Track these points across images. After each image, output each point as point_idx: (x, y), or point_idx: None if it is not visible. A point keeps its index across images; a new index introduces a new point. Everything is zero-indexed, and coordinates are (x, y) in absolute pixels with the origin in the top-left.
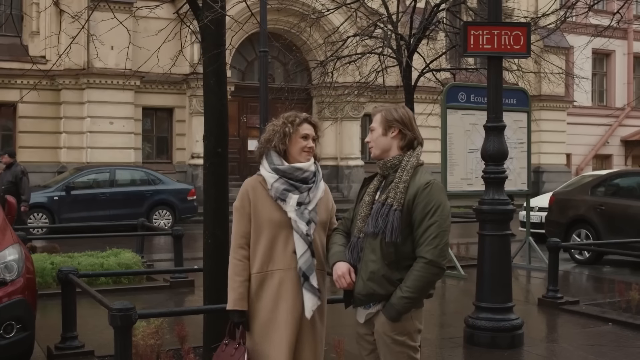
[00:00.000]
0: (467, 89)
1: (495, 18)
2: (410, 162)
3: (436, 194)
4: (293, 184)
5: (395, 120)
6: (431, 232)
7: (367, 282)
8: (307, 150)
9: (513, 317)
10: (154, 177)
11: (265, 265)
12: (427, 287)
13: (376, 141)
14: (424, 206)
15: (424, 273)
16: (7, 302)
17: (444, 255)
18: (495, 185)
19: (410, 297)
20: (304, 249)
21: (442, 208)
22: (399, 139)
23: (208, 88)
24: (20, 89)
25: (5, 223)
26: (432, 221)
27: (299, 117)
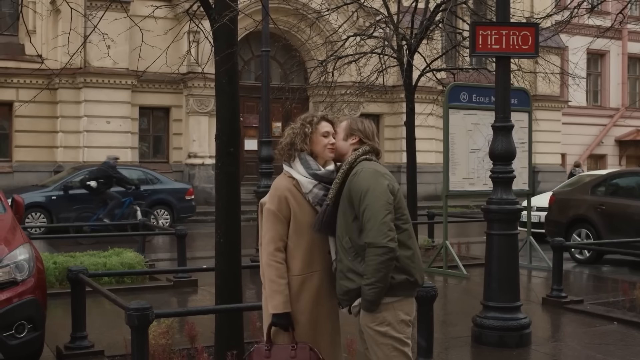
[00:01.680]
0: (469, 89)
1: (503, 18)
2: (348, 160)
3: (363, 179)
4: (328, 187)
5: (358, 130)
6: (366, 216)
7: (339, 282)
8: (330, 147)
9: (521, 316)
10: (152, 177)
11: (306, 267)
12: (381, 269)
13: (337, 145)
14: (355, 195)
15: (371, 256)
16: (19, 302)
17: (383, 233)
18: (503, 184)
19: (370, 283)
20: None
21: (370, 191)
22: (357, 145)
23: (220, 88)
24: (16, 87)
25: (15, 223)
26: (364, 206)
27: (316, 117)
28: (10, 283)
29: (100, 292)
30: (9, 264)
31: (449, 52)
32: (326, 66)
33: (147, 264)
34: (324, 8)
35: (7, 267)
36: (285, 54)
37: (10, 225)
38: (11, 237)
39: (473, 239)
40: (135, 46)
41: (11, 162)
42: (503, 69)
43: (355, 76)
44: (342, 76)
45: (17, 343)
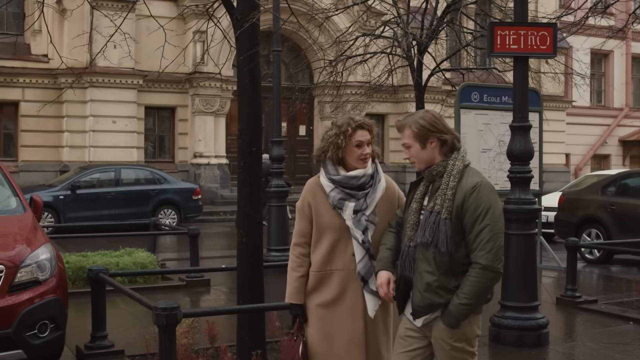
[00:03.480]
0: (480, 89)
1: (521, 18)
2: (456, 166)
3: (485, 196)
4: (349, 192)
5: (428, 131)
6: (484, 236)
7: (424, 294)
8: (363, 158)
9: (539, 316)
10: (159, 177)
11: (324, 265)
12: (485, 292)
13: (418, 157)
14: (473, 210)
15: (480, 278)
16: (41, 301)
17: (499, 258)
18: (521, 184)
19: (467, 303)
20: (362, 254)
21: (492, 210)
22: (439, 146)
23: (242, 87)
24: (22, 87)
25: (35, 222)
26: (483, 225)
27: (351, 126)
28: (33, 283)
29: (124, 291)
30: (31, 264)
31: (458, 52)
32: (336, 66)
33: (159, 263)
34: (332, 9)
35: (30, 267)
36: (290, 55)
37: (31, 225)
38: (32, 237)
39: None
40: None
41: (17, 161)
42: (521, 69)
43: (362, 76)
44: (349, 76)
45: (40, 343)
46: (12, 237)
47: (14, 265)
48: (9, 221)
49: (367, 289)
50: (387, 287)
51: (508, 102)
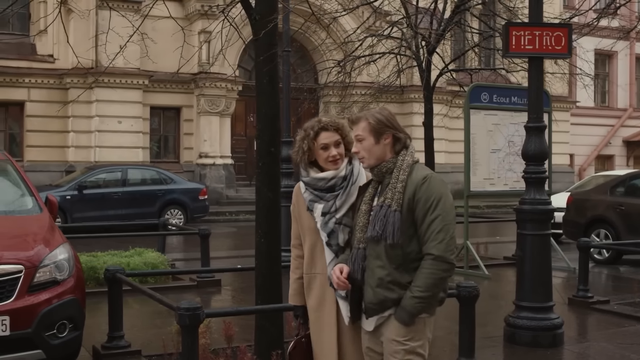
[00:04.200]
0: (489, 89)
1: (536, 19)
2: (405, 161)
3: (435, 187)
4: (317, 194)
5: (385, 126)
6: (435, 226)
7: (376, 289)
8: (331, 160)
9: (554, 316)
10: (166, 177)
11: (309, 267)
12: (438, 285)
13: (369, 151)
14: (424, 201)
15: (432, 270)
16: (60, 301)
17: (451, 249)
18: (536, 185)
19: (421, 296)
20: (330, 257)
21: (443, 201)
22: (392, 143)
23: (261, 87)
24: (28, 87)
25: (52, 222)
26: (434, 215)
27: (314, 129)
28: (52, 283)
29: (144, 292)
30: (49, 264)
31: (467, 52)
32: (344, 66)
33: (169, 263)
34: (339, 9)
35: (48, 267)
36: (295, 55)
37: (48, 225)
38: (50, 237)
39: (489, 239)
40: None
41: (23, 161)
42: (536, 70)
43: (367, 77)
44: (358, 76)
45: (59, 343)
46: (30, 238)
47: (32, 265)
48: (27, 221)
49: (338, 294)
50: (339, 273)
51: (517, 102)
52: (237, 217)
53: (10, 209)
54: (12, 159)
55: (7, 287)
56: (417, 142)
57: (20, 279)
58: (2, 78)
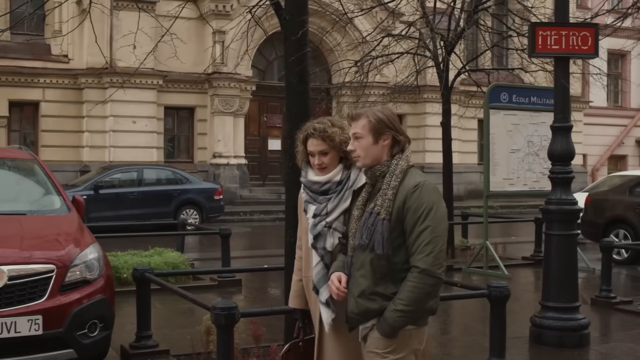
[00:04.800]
0: (509, 89)
1: (562, 18)
2: (399, 166)
3: (427, 195)
4: (312, 195)
5: (386, 126)
6: (424, 238)
7: (358, 300)
8: (317, 168)
9: (580, 316)
10: (181, 177)
11: (305, 270)
12: (424, 299)
13: (366, 151)
14: (414, 210)
15: (418, 283)
16: (91, 301)
17: (439, 263)
18: (562, 185)
19: (404, 310)
20: (316, 260)
21: (434, 211)
22: (391, 145)
23: (290, 87)
24: (42, 87)
25: (81, 222)
26: (424, 226)
27: (303, 134)
28: (82, 282)
29: (176, 291)
30: (80, 264)
31: (485, 52)
32: (361, 66)
33: (190, 263)
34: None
35: (79, 267)
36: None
37: (77, 225)
38: (80, 237)
39: (505, 239)
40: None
41: None
42: (562, 70)
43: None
44: (376, 77)
45: (90, 342)
46: (61, 237)
47: (64, 265)
48: (57, 221)
49: (319, 300)
50: (338, 283)
51: (537, 102)
52: (252, 217)
53: (39, 209)
54: (38, 159)
55: (39, 286)
56: (432, 143)
57: (52, 279)
58: (17, 78)
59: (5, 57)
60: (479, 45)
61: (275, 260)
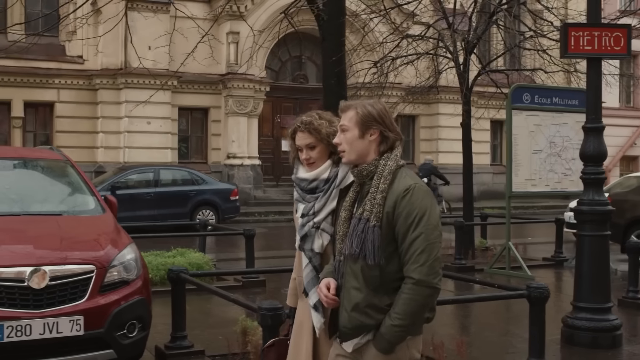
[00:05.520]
0: (531, 90)
1: (594, 19)
2: (388, 167)
3: (418, 200)
4: (301, 194)
5: (374, 121)
6: (417, 246)
7: (351, 314)
8: (305, 162)
9: (612, 317)
10: (197, 177)
11: (297, 271)
12: (421, 311)
13: (351, 145)
14: (405, 216)
15: (413, 295)
16: (129, 301)
17: (435, 272)
18: (595, 185)
19: (400, 324)
20: (304, 262)
21: (427, 216)
22: (379, 142)
23: (329, 88)
24: (57, 88)
25: (117, 223)
26: (416, 233)
27: (292, 129)
28: (121, 283)
29: (215, 292)
30: (118, 265)
31: (507, 52)
32: (381, 67)
33: (213, 264)
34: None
35: (117, 268)
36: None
37: (114, 225)
38: (117, 238)
39: (520, 240)
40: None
41: None
42: (595, 71)
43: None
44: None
45: (129, 342)
46: (100, 238)
47: (103, 266)
48: (93, 221)
49: (309, 303)
50: (327, 290)
51: (559, 103)
52: (267, 218)
53: (74, 209)
54: (71, 159)
55: (79, 287)
56: (445, 143)
57: (92, 280)
58: (32, 79)
59: (20, 58)
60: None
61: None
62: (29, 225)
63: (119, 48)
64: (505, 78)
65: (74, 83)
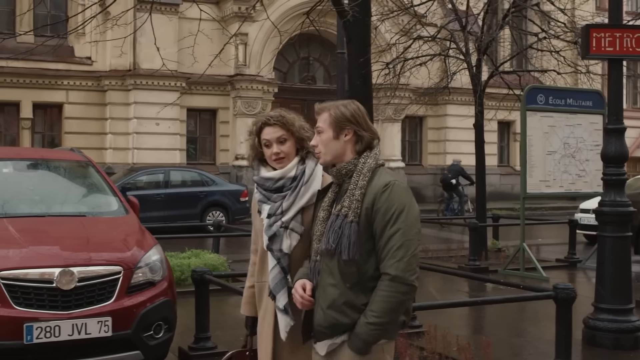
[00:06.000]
0: (545, 91)
1: (616, 20)
2: (367, 165)
3: (397, 196)
4: (265, 194)
5: (347, 121)
6: (394, 242)
7: (327, 311)
8: (275, 159)
9: (634, 318)
10: (207, 178)
11: (259, 275)
12: (397, 309)
13: (327, 146)
14: (384, 212)
15: (390, 292)
16: (156, 303)
17: (412, 269)
18: (616, 187)
19: (376, 322)
20: (272, 264)
21: (406, 212)
22: (354, 141)
23: (354, 89)
24: (66, 89)
25: (141, 224)
26: (394, 229)
27: (257, 125)
28: (148, 284)
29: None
30: (144, 266)
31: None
32: (393, 68)
33: (229, 265)
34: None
35: (144, 269)
36: (332, 58)
37: (138, 226)
38: (142, 239)
39: (533, 241)
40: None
41: None
42: (616, 72)
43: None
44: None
45: (155, 344)
46: (126, 239)
47: (129, 267)
48: (117, 222)
49: (277, 306)
50: (302, 291)
51: (572, 104)
52: None
53: (98, 210)
54: (92, 161)
55: (107, 288)
56: (452, 145)
57: (119, 281)
58: (41, 80)
59: (29, 59)
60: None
61: None
62: (54, 226)
63: (127, 50)
64: (517, 79)
65: (83, 84)
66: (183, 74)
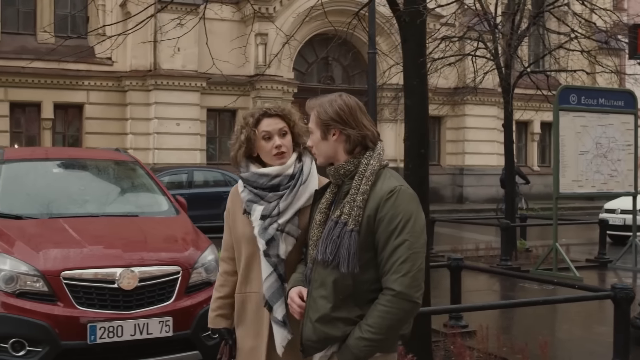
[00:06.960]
0: (578, 91)
1: None
2: (370, 166)
3: (404, 203)
4: (257, 193)
5: (331, 119)
6: (399, 255)
7: (316, 325)
8: (276, 153)
9: None
10: (230, 179)
11: (243, 286)
12: (396, 326)
13: (317, 147)
14: (388, 221)
15: (391, 308)
16: None
17: (417, 284)
18: None
19: (371, 338)
20: (268, 271)
21: (412, 222)
22: (343, 141)
23: (410, 89)
24: (87, 90)
25: (193, 224)
26: (399, 240)
27: (254, 116)
28: (205, 284)
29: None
30: (200, 266)
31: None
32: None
33: None
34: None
35: (200, 269)
36: (349, 58)
37: (192, 226)
38: (197, 239)
39: (573, 240)
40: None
41: None
42: None
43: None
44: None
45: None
46: (182, 239)
47: (187, 267)
48: (170, 222)
49: (273, 318)
50: (299, 300)
51: (605, 104)
52: None
53: (150, 210)
54: (140, 161)
55: (166, 288)
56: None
57: (178, 280)
58: (62, 81)
59: (50, 59)
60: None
61: None
62: (110, 226)
63: (148, 50)
64: (544, 79)
65: (103, 84)
66: (203, 74)
